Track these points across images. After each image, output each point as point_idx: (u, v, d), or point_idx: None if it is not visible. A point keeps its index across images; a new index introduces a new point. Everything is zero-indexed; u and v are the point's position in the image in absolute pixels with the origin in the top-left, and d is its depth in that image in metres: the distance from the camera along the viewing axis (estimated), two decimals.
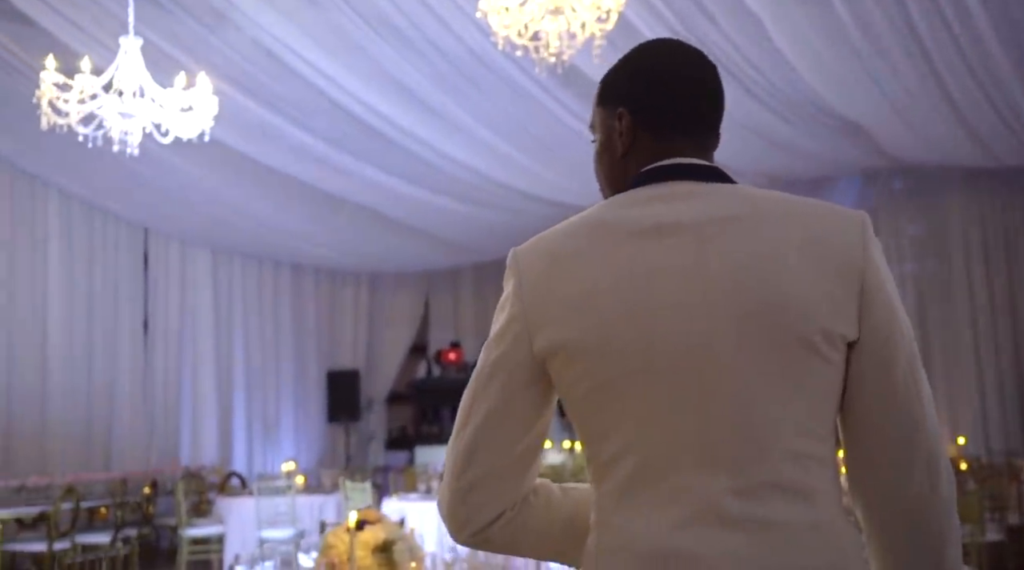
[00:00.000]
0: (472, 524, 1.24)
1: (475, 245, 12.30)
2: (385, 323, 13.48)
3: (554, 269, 1.21)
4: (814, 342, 1.13)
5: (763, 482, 1.12)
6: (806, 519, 1.12)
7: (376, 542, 2.68)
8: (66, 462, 9.19)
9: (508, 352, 1.23)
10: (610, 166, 1.31)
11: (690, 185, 1.21)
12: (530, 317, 1.21)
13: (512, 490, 1.24)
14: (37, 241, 9.64)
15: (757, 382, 1.13)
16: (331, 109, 7.96)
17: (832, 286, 1.14)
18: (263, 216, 10.35)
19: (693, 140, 1.26)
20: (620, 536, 1.16)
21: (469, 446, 1.22)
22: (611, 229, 1.20)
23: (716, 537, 1.11)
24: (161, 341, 10.86)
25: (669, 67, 1.28)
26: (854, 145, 9.45)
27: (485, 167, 9.34)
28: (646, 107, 1.27)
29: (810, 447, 1.14)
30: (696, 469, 1.13)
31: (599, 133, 1.33)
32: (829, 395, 1.16)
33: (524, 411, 1.23)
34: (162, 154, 8.55)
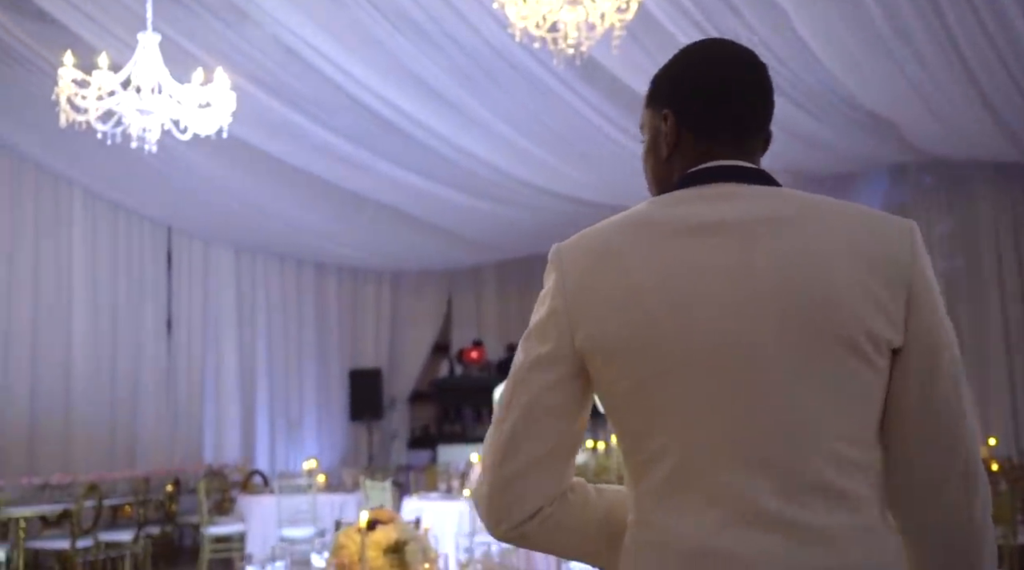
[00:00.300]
0: (510, 518, 1.23)
1: (497, 243, 12.24)
2: (407, 322, 13.45)
3: (597, 265, 1.22)
4: (859, 345, 1.12)
5: (804, 485, 1.12)
6: (847, 523, 1.12)
7: (388, 542, 2.62)
8: (90, 460, 9.22)
9: (548, 347, 1.22)
10: (656, 166, 1.33)
11: (734, 186, 1.22)
12: (572, 312, 1.21)
13: (551, 485, 1.23)
14: (62, 240, 9.69)
15: (801, 383, 1.13)
16: (351, 106, 7.94)
17: (880, 292, 1.14)
18: (285, 215, 10.35)
19: (738, 142, 1.27)
20: (660, 534, 1.16)
21: (509, 439, 1.22)
22: (655, 227, 1.21)
23: (755, 538, 1.10)
24: (184, 340, 10.89)
25: (715, 69, 1.28)
26: (881, 139, 9.29)
27: (505, 163, 9.28)
28: (690, 109, 1.28)
29: (852, 452, 1.14)
30: (737, 469, 1.13)
31: (646, 133, 1.34)
32: (873, 400, 1.16)
33: (564, 406, 1.22)
34: (185, 153, 8.59)
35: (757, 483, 1.12)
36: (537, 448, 1.21)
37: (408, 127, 8.34)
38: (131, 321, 10.26)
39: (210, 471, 9.26)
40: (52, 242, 9.59)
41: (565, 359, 1.21)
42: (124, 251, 10.29)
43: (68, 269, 9.72)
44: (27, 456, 8.96)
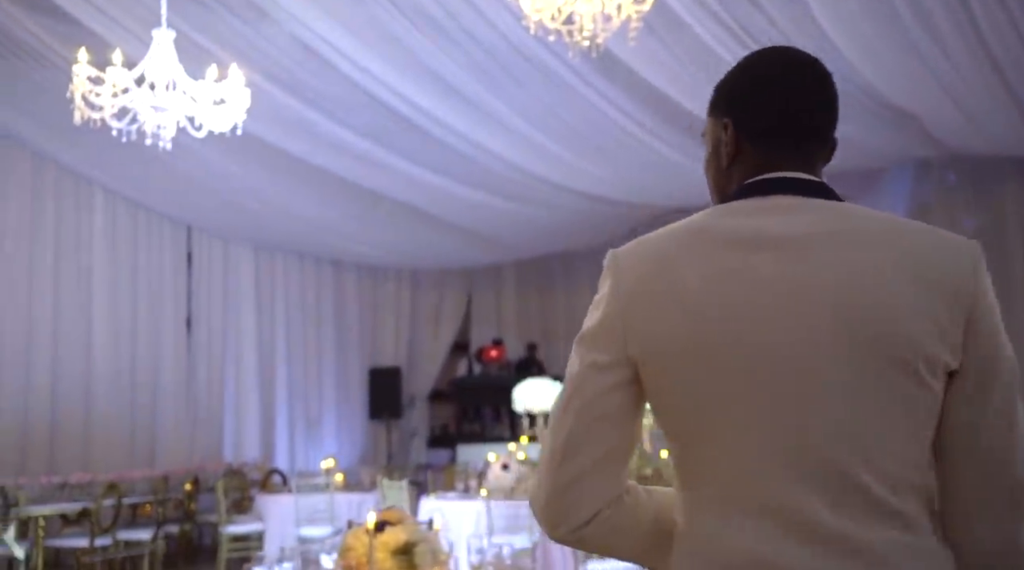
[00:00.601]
0: (569, 522, 1.23)
1: (516, 241, 12.18)
2: (427, 320, 13.42)
3: (651, 272, 1.21)
4: (915, 368, 1.11)
5: (857, 502, 1.11)
6: (899, 541, 1.10)
7: (397, 544, 2.56)
8: (110, 459, 9.25)
9: (602, 353, 1.22)
10: (716, 175, 1.32)
11: (793, 199, 1.20)
12: (625, 319, 1.21)
13: (608, 489, 1.23)
14: (82, 239, 9.72)
15: (853, 401, 1.11)
16: (368, 103, 7.92)
17: (940, 314, 1.12)
18: (304, 213, 10.33)
19: (799, 152, 1.25)
20: (707, 543, 1.16)
21: (567, 444, 1.22)
22: (711, 237, 1.20)
23: (804, 551, 1.10)
24: (204, 338, 10.90)
25: (776, 79, 1.26)
26: (906, 135, 9.15)
27: (522, 159, 9.22)
28: (750, 120, 1.27)
29: (906, 472, 1.13)
30: (787, 483, 1.12)
31: (708, 141, 1.33)
32: (927, 422, 1.14)
33: (619, 411, 1.22)
34: (203, 151, 8.58)
35: (808, 497, 1.11)
36: (594, 453, 1.22)
37: (425, 124, 8.31)
38: (151, 320, 10.28)
39: (229, 470, 9.26)
40: (72, 241, 9.63)
41: (619, 365, 1.21)
42: (144, 250, 10.32)
43: (88, 268, 9.75)
44: (48, 455, 9.00)
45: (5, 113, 8.54)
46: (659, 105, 8.11)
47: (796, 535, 1.10)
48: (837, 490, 1.10)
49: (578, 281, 13.76)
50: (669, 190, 10.26)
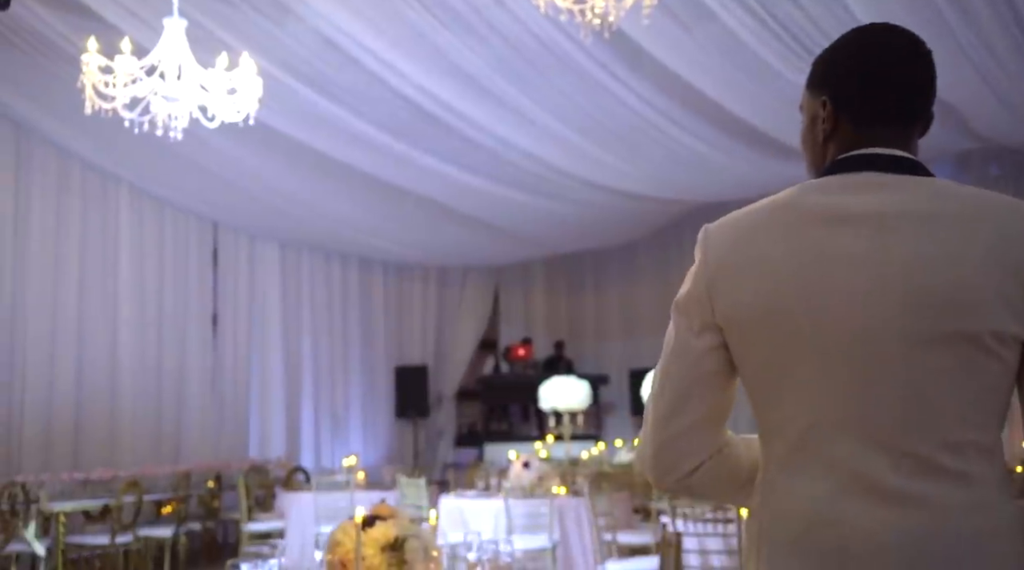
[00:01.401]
0: (676, 471, 1.36)
1: (544, 238, 12.03)
2: (454, 318, 13.31)
3: (737, 245, 1.30)
4: (983, 341, 1.17)
5: (920, 463, 1.17)
6: (961, 498, 1.17)
7: (386, 539, 2.43)
8: (135, 456, 9.25)
9: (694, 319, 1.32)
10: (812, 148, 1.37)
11: (882, 176, 1.25)
12: (712, 288, 1.30)
13: (710, 442, 1.35)
14: (108, 236, 9.73)
15: (922, 371, 1.18)
16: (393, 98, 7.84)
17: (1009, 287, 1.17)
18: (330, 210, 10.28)
19: (894, 129, 1.29)
20: (780, 498, 1.25)
21: (670, 403, 1.34)
22: (798, 213, 1.27)
23: (870, 509, 1.17)
24: (230, 336, 10.88)
25: (874, 57, 1.30)
26: (945, 126, 8.86)
27: (547, 154, 9.09)
28: (848, 97, 1.31)
29: (971, 435, 1.19)
30: (856, 443, 1.20)
31: (805, 114, 1.39)
32: (997, 388, 1.20)
33: (715, 372, 1.32)
34: (228, 147, 8.57)
35: (872, 458, 1.19)
36: (695, 412, 1.33)
37: (449, 119, 8.21)
38: (177, 317, 10.28)
39: (252, 467, 9.21)
40: (98, 238, 9.63)
41: (709, 330, 1.31)
42: (170, 247, 10.31)
43: (114, 265, 9.75)
44: (72, 452, 9.00)
45: (29, 109, 8.57)
46: (687, 97, 7.94)
47: (857, 491, 1.18)
48: (898, 452, 1.18)
49: (608, 279, 13.59)
50: (699, 185, 10.06)
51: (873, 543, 1.17)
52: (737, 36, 6.71)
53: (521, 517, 6.23)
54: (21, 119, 8.85)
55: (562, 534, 6.37)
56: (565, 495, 6.62)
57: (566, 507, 6.39)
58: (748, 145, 8.65)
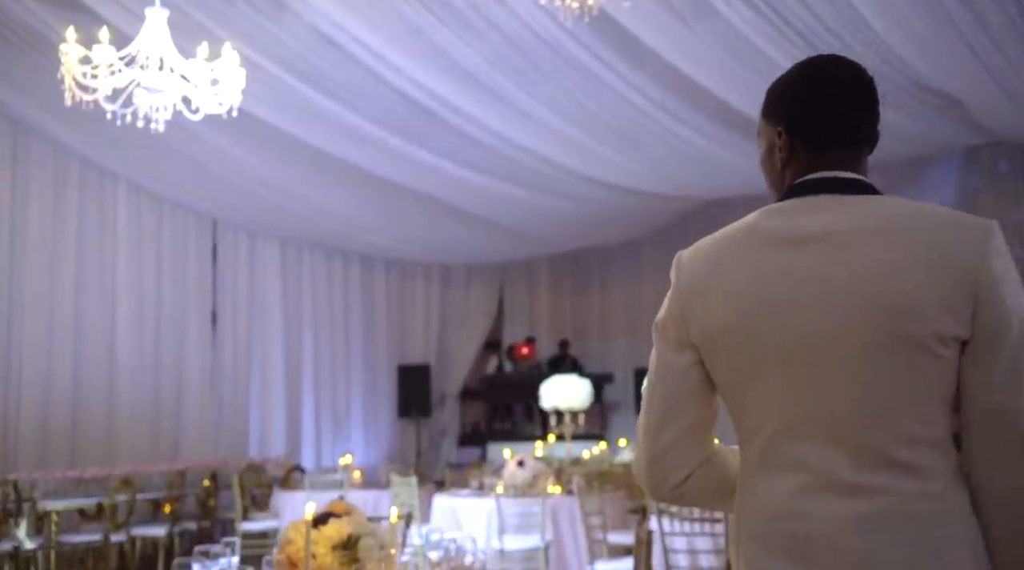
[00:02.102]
0: (668, 482, 1.48)
1: (547, 236, 11.93)
2: (457, 317, 13.21)
3: (707, 270, 1.43)
4: (926, 343, 1.27)
5: (877, 458, 1.28)
6: (915, 489, 1.27)
7: (339, 538, 2.33)
8: (133, 455, 9.19)
9: (673, 341, 1.46)
10: (771, 173, 1.50)
11: (833, 198, 1.38)
12: (685, 311, 1.44)
13: (697, 453, 1.47)
14: (106, 233, 9.68)
15: (872, 374, 1.29)
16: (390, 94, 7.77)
17: (948, 293, 1.27)
18: (328, 206, 10.21)
19: (843, 152, 1.42)
20: (754, 496, 1.37)
21: (658, 418, 1.46)
22: (760, 237, 1.40)
23: (832, 501, 1.28)
24: (229, 334, 10.82)
25: (822, 87, 1.43)
26: (953, 122, 8.73)
27: (549, 151, 9.00)
28: (801, 126, 1.44)
29: (922, 430, 1.29)
30: (818, 444, 1.31)
31: (763, 142, 1.51)
32: (942, 385, 1.30)
33: (698, 387, 1.45)
34: (225, 143, 8.52)
35: (833, 456, 1.30)
36: (681, 425, 1.45)
37: (448, 115, 8.14)
38: (175, 315, 10.22)
39: (250, 466, 9.14)
40: (96, 235, 9.58)
41: (688, 348, 1.44)
42: (169, 244, 10.25)
43: (112, 262, 9.70)
44: (69, 450, 8.96)
45: (25, 105, 8.53)
46: (688, 92, 7.84)
47: (820, 487, 1.30)
48: (857, 449, 1.29)
49: (613, 277, 13.45)
50: (700, 180, 9.94)
51: (834, 531, 1.28)
52: (738, 30, 6.60)
53: (514, 516, 6.14)
54: (18, 115, 8.82)
55: (556, 534, 6.26)
56: (560, 494, 6.52)
57: (560, 506, 6.28)
58: (749, 139, 8.50)
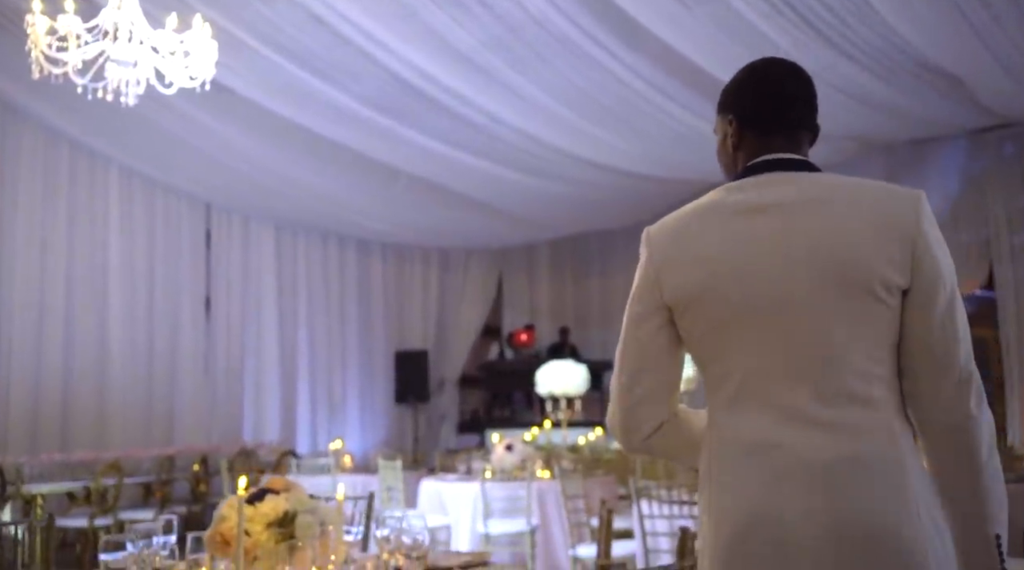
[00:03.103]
0: (639, 433, 1.67)
1: (548, 221, 11.79)
2: (456, 302, 13.09)
3: (676, 240, 1.63)
4: (875, 290, 1.49)
5: (836, 393, 1.49)
6: (869, 420, 1.48)
7: (275, 515, 2.22)
8: (125, 439, 9.12)
9: (646, 305, 1.65)
10: (726, 159, 1.73)
11: (783, 175, 1.61)
12: (659, 277, 1.63)
13: (665, 408, 1.67)
14: (97, 216, 9.59)
15: (831, 320, 1.50)
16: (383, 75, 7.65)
17: (891, 249, 1.50)
18: (322, 189, 10.08)
19: (788, 137, 1.65)
20: (729, 431, 1.55)
21: (630, 375, 1.66)
22: (721, 209, 1.61)
23: (800, 432, 1.48)
24: (223, 319, 10.73)
25: (767, 82, 1.68)
26: (955, 103, 8.55)
27: (542, 133, 8.86)
28: (750, 116, 1.68)
29: (873, 368, 1.50)
30: (785, 384, 1.51)
31: (718, 134, 1.74)
32: (888, 329, 1.52)
33: (666, 347, 1.65)
34: (217, 126, 8.43)
35: (798, 393, 1.49)
36: (651, 381, 1.65)
37: (441, 97, 8.02)
38: (168, 299, 10.13)
39: (242, 451, 9.06)
40: (87, 218, 9.49)
41: (659, 311, 1.63)
42: (161, 228, 10.16)
43: (104, 246, 9.62)
44: (60, 434, 8.89)
45: (15, 88, 8.43)
46: (685, 73, 7.69)
47: (789, 420, 1.49)
48: (820, 387, 1.49)
49: (615, 261, 13.29)
50: (701, 162, 9.72)
51: (803, 457, 1.48)
52: (735, 9, 6.45)
53: (500, 501, 6.03)
54: (7, 98, 8.72)
55: (543, 518, 6.16)
56: (548, 479, 6.41)
57: (548, 491, 6.18)
58: None
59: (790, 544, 1.45)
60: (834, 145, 9.34)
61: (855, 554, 1.43)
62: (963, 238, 10.50)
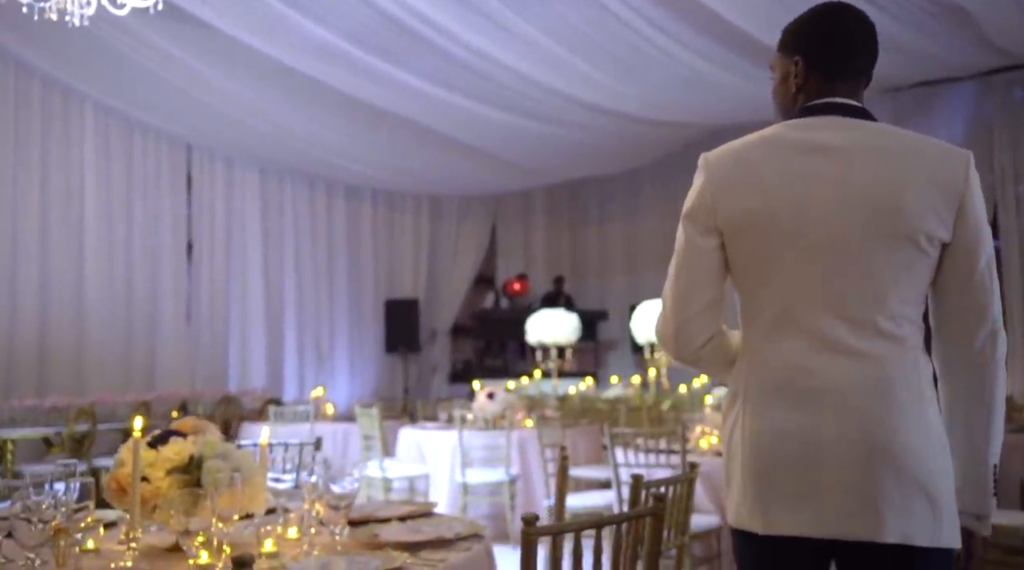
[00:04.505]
0: (692, 344, 1.78)
1: (543, 166, 11.44)
2: (449, 250, 12.81)
3: (735, 168, 1.75)
4: (918, 240, 1.65)
5: (870, 329, 1.65)
6: (895, 353, 1.65)
7: (180, 460, 1.97)
8: (104, 385, 8.90)
9: (700, 226, 1.75)
10: (784, 98, 1.83)
11: (843, 119, 1.73)
12: (715, 201, 1.74)
13: (714, 323, 1.78)
14: (72, 157, 9.26)
15: (874, 263, 1.65)
16: (365, 8, 7.27)
17: (938, 204, 1.65)
18: (307, 131, 9.73)
19: (849, 84, 1.76)
20: (766, 356, 1.70)
21: (684, 292, 1.77)
22: (783, 144, 1.73)
23: (832, 360, 1.65)
24: (206, 265, 10.45)
25: (838, 28, 1.77)
26: (966, 41, 8.17)
27: (537, 73, 8.50)
28: (817, 59, 1.77)
29: (906, 310, 1.67)
30: (824, 315, 1.66)
31: (777, 72, 1.84)
32: (924, 276, 1.69)
33: (717, 267, 1.76)
34: (193, 62, 8.09)
35: (836, 325, 1.65)
36: (703, 297, 1.75)
37: (433, 36, 7.66)
38: (148, 245, 9.83)
39: (225, 398, 8.87)
40: (62, 159, 9.16)
41: (712, 233, 1.73)
42: (140, 170, 9.84)
43: (80, 189, 9.30)
44: (37, 379, 8.68)
45: None
46: (690, 14, 7.33)
47: (825, 349, 1.64)
48: (854, 320, 1.64)
49: (613, 209, 12.97)
50: (704, 106, 9.42)
51: (836, 384, 1.62)
52: None
53: (479, 450, 5.82)
54: None
55: (524, 468, 5.95)
56: (531, 428, 6.19)
57: (529, 440, 5.96)
58: (749, 59, 7.99)
59: (821, 459, 1.62)
60: None
61: (878, 465, 1.60)
62: None
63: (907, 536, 1.59)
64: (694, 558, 4.06)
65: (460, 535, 2.11)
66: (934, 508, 1.61)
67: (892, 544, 1.59)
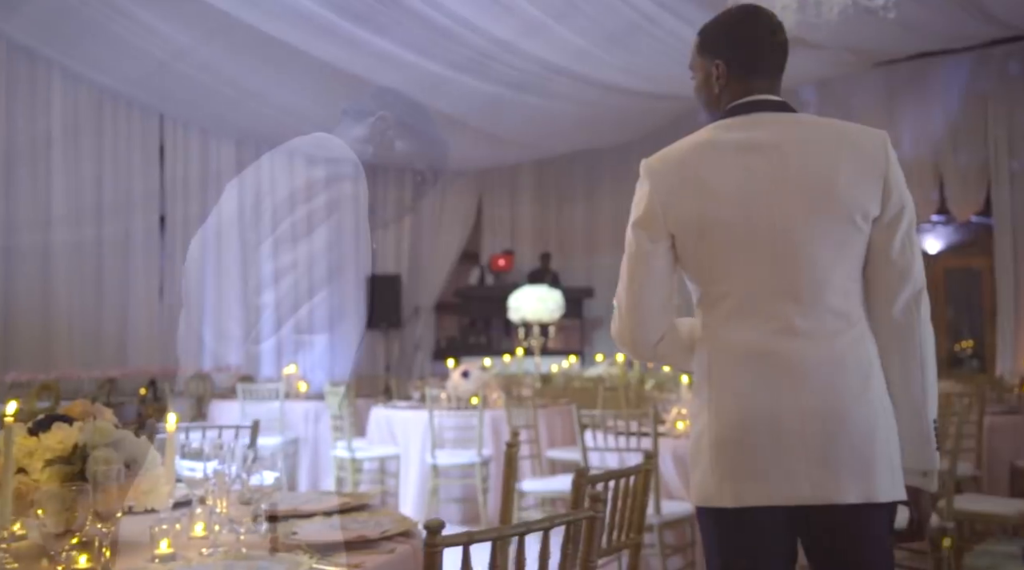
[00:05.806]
0: (648, 343, 1.94)
1: (530, 139, 11.17)
2: (432, 226, 12.53)
3: (679, 173, 1.88)
4: (855, 219, 1.81)
5: (820, 309, 1.80)
6: (843, 328, 1.81)
7: (63, 449, 1.74)
8: (73, 361, 8.65)
9: (651, 231, 1.89)
10: (708, 99, 1.97)
11: (770, 115, 1.89)
12: (664, 205, 1.87)
13: (666, 320, 1.94)
14: (38, 127, 8.94)
15: (818, 245, 1.80)
16: None
17: (867, 183, 1.82)
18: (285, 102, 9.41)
19: (767, 81, 1.92)
20: (727, 342, 1.84)
21: (638, 294, 1.92)
22: (719, 145, 1.87)
23: (789, 341, 1.79)
24: (180, 238, 10.16)
25: (754, 31, 1.93)
26: (962, 10, 7.91)
27: (527, 45, 8.23)
28: (736, 60, 1.92)
29: (850, 286, 1.83)
30: (777, 301, 1.81)
31: (699, 74, 1.97)
32: (862, 251, 1.84)
33: (667, 268, 1.91)
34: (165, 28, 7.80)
35: (790, 309, 1.80)
36: (656, 296, 1.92)
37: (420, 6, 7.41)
38: (118, 218, 9.53)
39: (197, 375, 8.62)
40: (27, 127, 8.85)
41: (662, 238, 1.89)
42: (110, 139, 9.52)
43: (46, 159, 8.99)
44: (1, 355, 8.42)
45: None
46: None
47: (780, 331, 1.80)
48: (805, 302, 1.80)
49: (601, 184, 12.68)
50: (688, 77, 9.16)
51: (793, 362, 1.79)
52: None
53: (450, 430, 5.60)
54: None
55: (498, 449, 5.73)
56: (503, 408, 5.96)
57: (503, 420, 5.73)
58: None
59: (784, 432, 1.76)
60: (831, 57, 8.71)
61: (833, 435, 1.75)
62: (961, 161, 9.95)
63: (865, 495, 1.74)
64: (667, 547, 3.85)
65: (387, 534, 1.89)
66: (887, 467, 1.77)
67: (851, 504, 1.74)
